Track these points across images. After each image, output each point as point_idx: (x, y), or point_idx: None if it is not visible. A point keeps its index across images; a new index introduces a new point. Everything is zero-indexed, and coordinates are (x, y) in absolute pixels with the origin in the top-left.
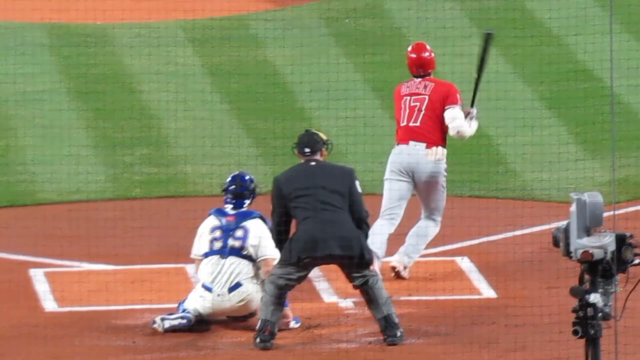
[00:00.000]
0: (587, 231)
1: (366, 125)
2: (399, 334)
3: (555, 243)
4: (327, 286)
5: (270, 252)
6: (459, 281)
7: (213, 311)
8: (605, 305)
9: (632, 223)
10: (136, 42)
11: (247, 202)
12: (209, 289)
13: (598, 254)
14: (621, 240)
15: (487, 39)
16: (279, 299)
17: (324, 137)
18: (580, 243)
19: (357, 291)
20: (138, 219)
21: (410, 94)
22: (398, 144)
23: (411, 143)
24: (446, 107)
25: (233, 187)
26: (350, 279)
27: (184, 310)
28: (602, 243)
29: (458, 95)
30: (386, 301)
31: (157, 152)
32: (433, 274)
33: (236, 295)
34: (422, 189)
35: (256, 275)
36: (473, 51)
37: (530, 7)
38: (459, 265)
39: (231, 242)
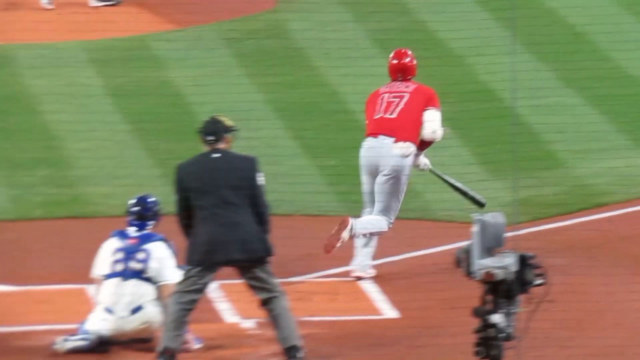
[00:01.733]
0: (490, 252)
1: (269, 146)
2: (301, 355)
3: (458, 263)
4: (228, 307)
5: (171, 276)
6: (361, 302)
7: (115, 333)
8: (508, 325)
9: (534, 243)
10: (38, 63)
11: (151, 224)
12: (110, 311)
13: (500, 275)
14: (523, 261)
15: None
16: (181, 322)
17: (228, 123)
18: (483, 263)
19: (260, 312)
20: (39, 240)
21: (390, 92)
22: (367, 137)
23: (380, 137)
24: (428, 108)
25: (136, 208)
26: (254, 290)
27: (85, 332)
28: (504, 263)
29: (437, 100)
30: (292, 333)
31: (58, 173)
32: (335, 295)
33: (138, 318)
34: (380, 183)
35: (158, 298)
36: (375, 72)
37: (432, 27)
38: (361, 286)
39: (133, 264)
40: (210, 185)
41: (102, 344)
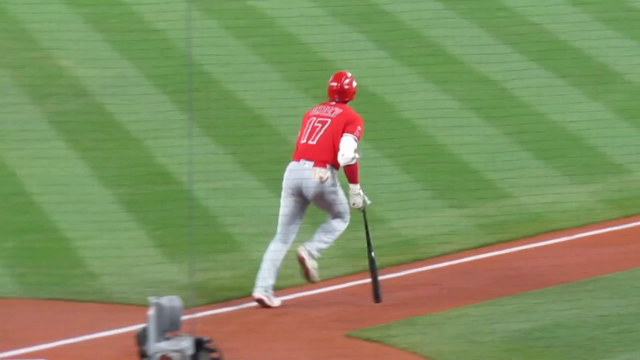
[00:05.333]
0: (166, 335)
1: None
2: None
3: (139, 343)
4: None
5: None
6: None
7: None
8: None
9: (210, 327)
10: None
11: None
12: None
13: (176, 358)
14: (199, 345)
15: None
16: None
17: None
18: (159, 347)
19: None
20: None
21: (317, 115)
22: (291, 161)
23: (301, 161)
24: (344, 134)
25: None
26: None
27: None
28: (180, 347)
29: (359, 127)
30: None
31: None
32: None
33: None
34: (316, 204)
35: None
36: (50, 154)
37: (110, 110)
38: None
39: None
40: None
41: None
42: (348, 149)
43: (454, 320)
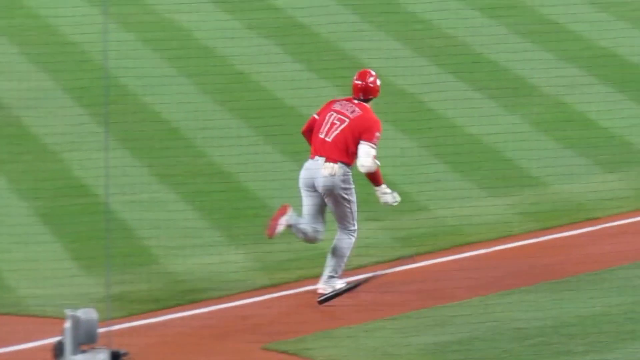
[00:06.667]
0: (82, 348)
1: None
2: None
3: (56, 355)
4: None
5: None
6: None
7: None
8: None
9: (127, 340)
10: None
11: None
12: None
13: None
14: (115, 357)
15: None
16: None
17: None
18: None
19: None
20: None
21: (338, 112)
22: (309, 158)
23: (316, 157)
24: (361, 142)
25: None
26: None
27: None
28: None
29: (377, 134)
30: None
31: None
32: None
33: None
34: (327, 201)
35: None
36: None
37: (26, 122)
38: None
39: None
40: None
41: None
42: (367, 159)
43: (371, 333)
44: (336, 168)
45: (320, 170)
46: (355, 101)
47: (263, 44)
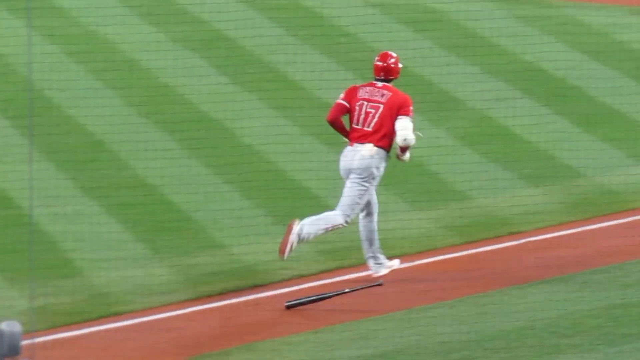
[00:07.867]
0: None
1: None
2: None
3: None
4: None
5: None
6: None
7: None
8: None
9: (50, 352)
10: None
11: None
12: None
13: None
14: None
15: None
16: None
17: None
18: None
19: None
20: None
21: (368, 100)
22: (347, 146)
23: (355, 145)
24: (399, 117)
25: None
26: None
27: None
28: None
29: (411, 108)
30: None
31: None
32: None
33: None
34: (349, 182)
35: None
36: None
37: None
38: None
39: None
40: None
41: None
42: (408, 131)
43: (295, 347)
44: (375, 150)
45: (360, 156)
46: (379, 84)
47: (188, 57)
